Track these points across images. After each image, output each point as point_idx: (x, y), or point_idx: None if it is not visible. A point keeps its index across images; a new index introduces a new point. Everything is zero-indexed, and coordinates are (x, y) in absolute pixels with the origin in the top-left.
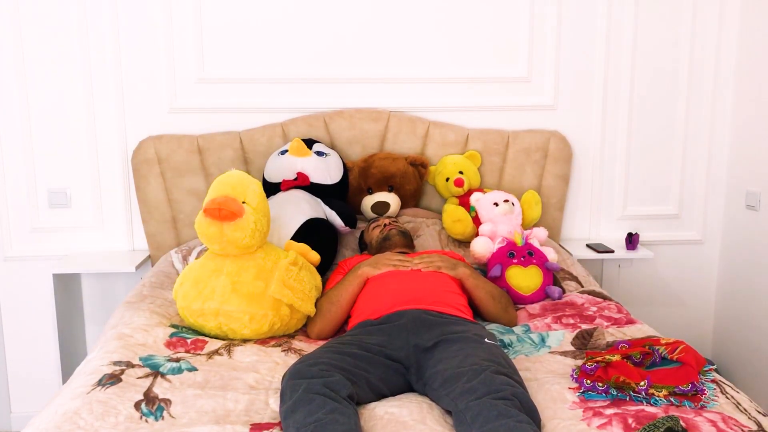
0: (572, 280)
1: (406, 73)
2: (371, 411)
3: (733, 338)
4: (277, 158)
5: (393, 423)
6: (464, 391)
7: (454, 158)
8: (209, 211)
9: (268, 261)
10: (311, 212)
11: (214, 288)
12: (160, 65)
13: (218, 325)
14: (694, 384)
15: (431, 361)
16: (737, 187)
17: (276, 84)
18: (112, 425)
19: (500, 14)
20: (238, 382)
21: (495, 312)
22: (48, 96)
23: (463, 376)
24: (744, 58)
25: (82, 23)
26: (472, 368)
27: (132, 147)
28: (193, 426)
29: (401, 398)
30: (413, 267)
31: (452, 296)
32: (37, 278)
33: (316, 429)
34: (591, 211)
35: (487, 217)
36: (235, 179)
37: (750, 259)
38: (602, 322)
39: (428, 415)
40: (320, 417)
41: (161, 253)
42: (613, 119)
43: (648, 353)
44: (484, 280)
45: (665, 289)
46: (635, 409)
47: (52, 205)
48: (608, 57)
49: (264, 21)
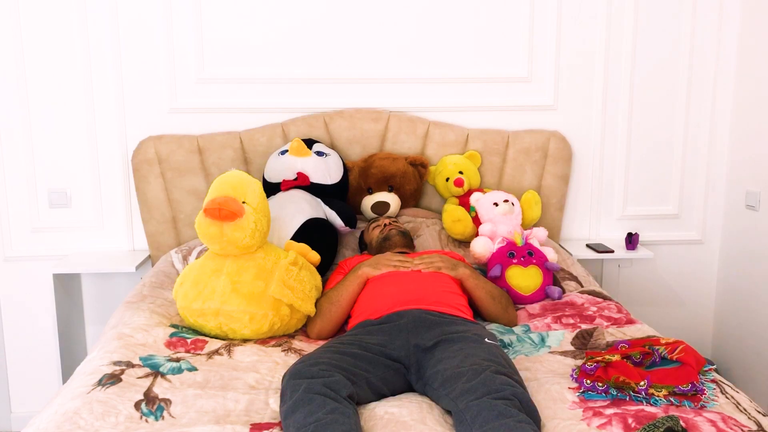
0: (572, 280)
1: (406, 73)
2: (371, 411)
3: (733, 338)
4: (277, 158)
5: (393, 423)
6: (464, 391)
7: (454, 158)
8: (209, 211)
9: (268, 261)
10: (311, 212)
11: (214, 288)
12: (160, 65)
13: (218, 325)
14: (694, 384)
15: (431, 360)
16: (737, 187)
17: (276, 84)
18: (112, 425)
19: (500, 14)
20: (238, 382)
21: (495, 312)
22: (48, 96)
23: (463, 376)
24: (744, 58)
25: (82, 23)
26: (472, 368)
27: (132, 147)
28: (193, 426)
29: (401, 398)
30: (413, 267)
31: (452, 296)
32: (37, 278)
33: (316, 429)
34: (591, 211)
35: (487, 217)
36: (235, 179)
37: (750, 259)
38: (602, 322)
39: (428, 415)
40: (320, 417)
41: (161, 253)
42: (613, 119)
43: (648, 353)
44: (484, 280)
45: (665, 289)
46: (635, 409)
47: (52, 205)
48: (608, 57)
49: (264, 21)
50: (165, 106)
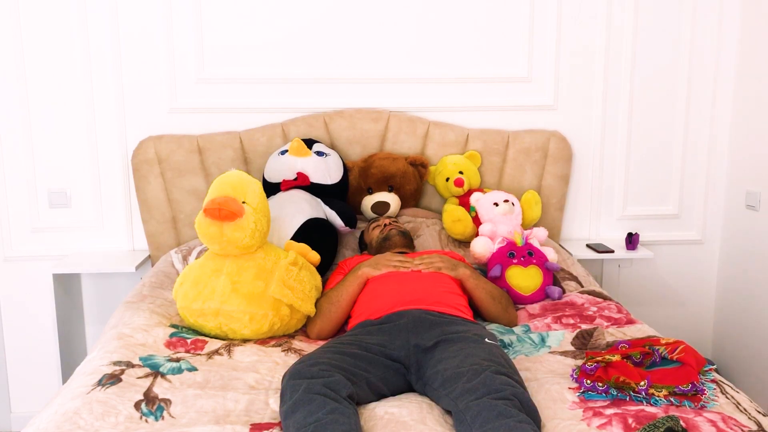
0: (572, 280)
1: (406, 73)
2: (371, 411)
3: (733, 338)
4: (277, 158)
5: (393, 423)
6: (464, 391)
7: (454, 158)
8: (209, 211)
9: (268, 261)
10: (311, 212)
11: (214, 288)
12: (160, 65)
13: (218, 325)
14: (694, 384)
15: (431, 361)
16: (737, 187)
17: (276, 84)
18: (112, 425)
19: (500, 14)
20: (238, 382)
21: (495, 312)
22: (48, 96)
23: (463, 376)
24: (744, 58)
25: (83, 23)
26: (472, 368)
27: (132, 147)
28: (193, 426)
29: (401, 398)
30: (413, 267)
31: (452, 296)
32: (37, 278)
33: (316, 429)
34: (591, 211)
35: (487, 217)
36: (235, 179)
37: (750, 259)
38: (602, 322)
39: (428, 415)
40: (320, 417)
41: (161, 253)
42: (613, 119)
43: (648, 353)
44: (484, 281)
45: (665, 289)
46: (635, 409)
47: (52, 205)
48: (608, 57)
49: (264, 21)
50: (165, 106)
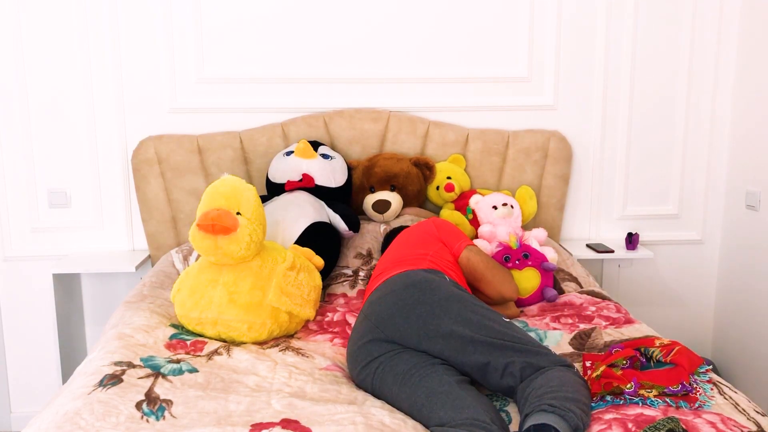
0: (572, 280)
1: (406, 73)
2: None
3: (732, 338)
4: (282, 159)
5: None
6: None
7: (439, 165)
8: (202, 227)
9: (265, 268)
10: (315, 216)
11: (211, 298)
12: (160, 65)
13: (217, 333)
14: (683, 384)
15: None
16: (737, 187)
17: (276, 84)
18: (113, 425)
19: (500, 14)
20: (239, 384)
21: (498, 282)
22: (48, 96)
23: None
24: (744, 58)
25: (82, 23)
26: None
27: (132, 147)
28: (194, 427)
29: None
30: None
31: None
32: (37, 278)
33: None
34: (591, 211)
35: (486, 220)
36: (228, 189)
37: (750, 259)
38: (600, 322)
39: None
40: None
41: (161, 253)
42: (613, 119)
43: (634, 356)
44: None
45: (665, 289)
46: (634, 413)
47: (52, 205)
48: (608, 57)
49: (264, 21)
50: (165, 106)
